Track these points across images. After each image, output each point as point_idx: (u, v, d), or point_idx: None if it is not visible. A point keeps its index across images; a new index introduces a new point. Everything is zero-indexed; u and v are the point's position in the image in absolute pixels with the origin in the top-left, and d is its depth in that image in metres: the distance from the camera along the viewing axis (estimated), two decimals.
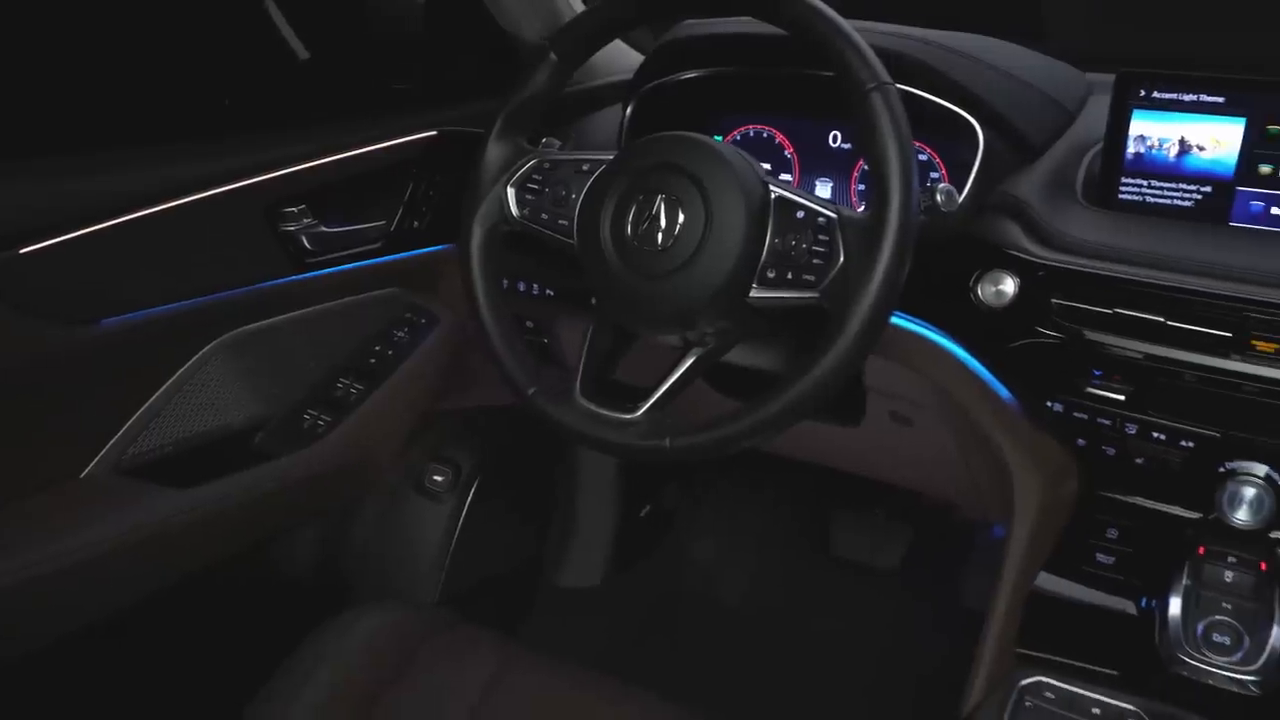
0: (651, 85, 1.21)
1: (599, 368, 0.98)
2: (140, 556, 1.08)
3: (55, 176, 1.00)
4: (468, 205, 1.01)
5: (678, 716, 1.01)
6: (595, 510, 1.77)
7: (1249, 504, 0.92)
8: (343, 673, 1.01)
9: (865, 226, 0.82)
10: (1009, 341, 1.00)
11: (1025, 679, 0.93)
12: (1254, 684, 0.87)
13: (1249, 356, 0.89)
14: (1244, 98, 0.94)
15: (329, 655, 1.03)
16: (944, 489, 1.34)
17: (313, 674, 1.00)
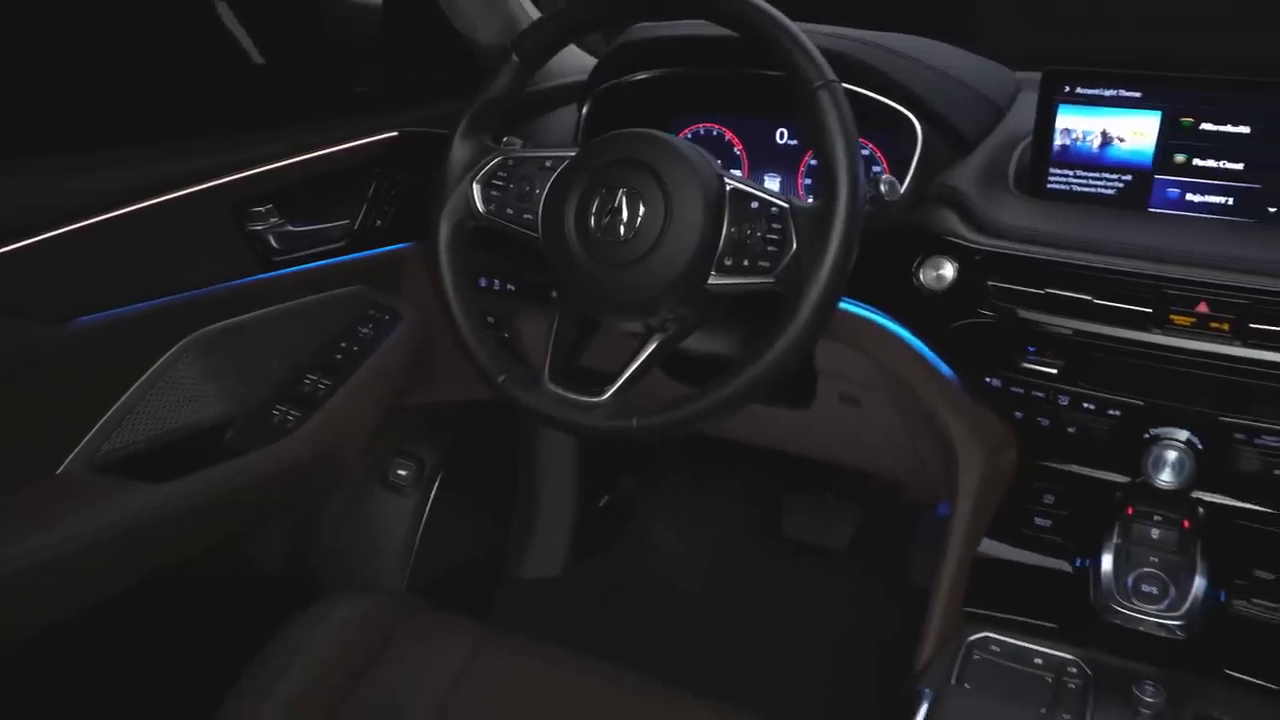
0: (606, 86, 1.26)
1: (565, 355, 1.02)
2: (116, 551, 1.10)
3: (27, 178, 1.02)
4: (435, 202, 1.05)
5: (651, 691, 1.06)
6: (555, 501, 1.81)
7: (1172, 467, 1.00)
8: (318, 661, 1.04)
9: (815, 215, 0.88)
10: (949, 322, 1.06)
11: (973, 635, 0.99)
12: (1179, 629, 0.95)
13: (1168, 330, 0.96)
14: (1159, 93, 1.02)
15: (303, 645, 1.05)
16: (892, 468, 1.40)
17: (288, 665, 1.02)
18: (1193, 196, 1.03)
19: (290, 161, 1.20)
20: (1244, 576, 1.00)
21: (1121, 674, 0.94)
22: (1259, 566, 1.00)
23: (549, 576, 1.82)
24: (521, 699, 1.04)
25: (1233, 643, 0.97)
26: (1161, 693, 0.90)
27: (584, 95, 1.28)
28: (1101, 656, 0.96)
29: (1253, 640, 0.97)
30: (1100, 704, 0.92)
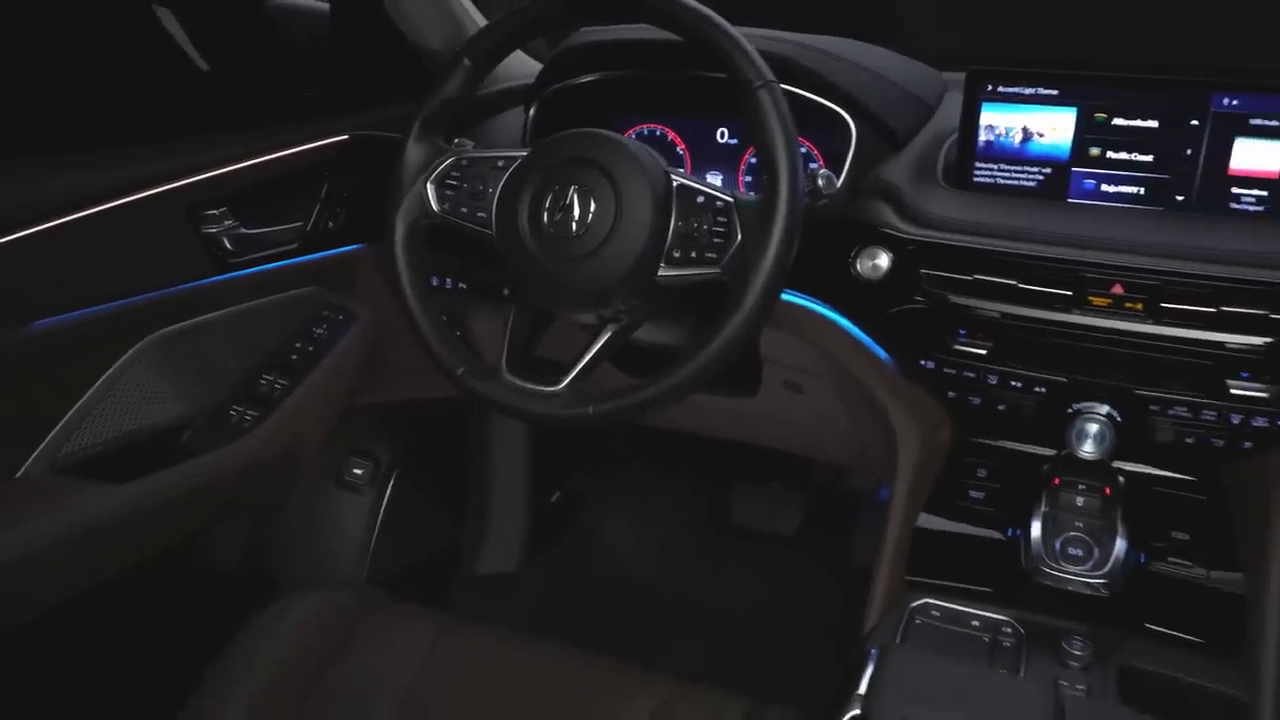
0: (552, 89, 1.30)
1: (521, 347, 1.06)
2: (77, 553, 1.11)
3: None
4: (390, 202, 1.08)
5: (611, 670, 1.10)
6: (509, 497, 1.84)
7: (1094, 438, 1.07)
8: (280, 660, 1.05)
9: (758, 209, 0.93)
10: (886, 309, 1.12)
11: (915, 601, 1.06)
12: (1103, 587, 1.02)
13: (1087, 311, 1.03)
14: (1074, 90, 1.09)
15: (265, 643, 1.07)
16: (835, 452, 1.46)
17: (250, 664, 1.04)
18: (1107, 187, 1.10)
19: (243, 165, 1.21)
20: (1161, 538, 1.08)
21: (1052, 631, 1.00)
22: (1175, 528, 1.08)
23: (504, 572, 1.85)
24: (484, 684, 1.07)
25: (1152, 599, 1.04)
26: (1089, 646, 0.97)
27: (531, 98, 1.32)
28: (1033, 616, 1.03)
29: (1170, 596, 1.05)
30: (1033, 659, 0.98)
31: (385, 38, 1.39)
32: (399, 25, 1.36)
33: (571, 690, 1.08)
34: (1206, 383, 1.01)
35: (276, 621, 1.10)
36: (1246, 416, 1.01)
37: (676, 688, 1.06)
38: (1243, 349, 0.98)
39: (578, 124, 1.03)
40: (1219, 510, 1.10)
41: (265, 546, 1.52)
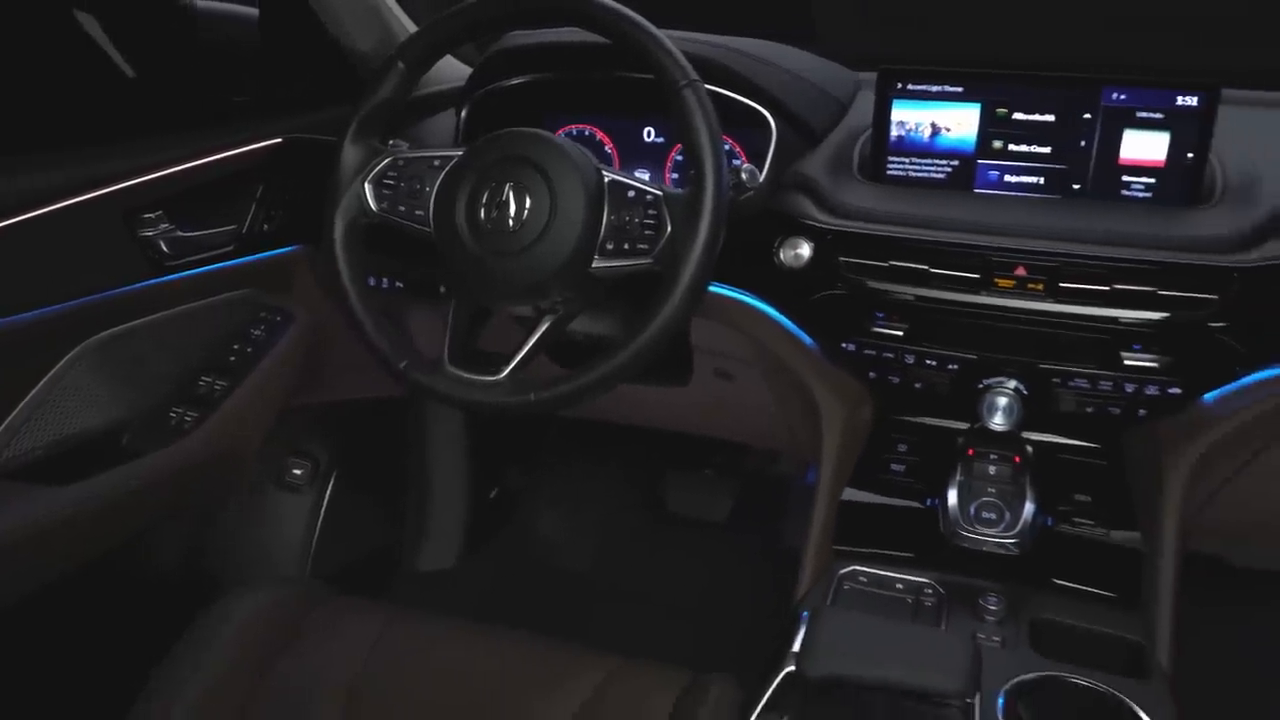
0: (483, 91, 1.33)
1: (462, 340, 1.09)
2: (19, 556, 1.11)
3: None
4: (328, 202, 1.10)
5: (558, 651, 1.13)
6: (447, 495, 1.87)
7: (1003, 411, 1.14)
8: (226, 658, 1.06)
9: (686, 201, 0.98)
10: (808, 296, 1.18)
11: (843, 569, 1.12)
12: (1014, 546, 1.10)
13: (993, 292, 1.10)
14: (977, 87, 1.16)
15: (211, 643, 1.07)
16: (764, 436, 1.53)
17: (197, 663, 1.05)
18: (1010, 178, 1.18)
19: (178, 169, 1.22)
20: (1066, 501, 1.16)
21: (969, 590, 1.08)
22: (1079, 492, 1.16)
23: (444, 568, 1.88)
24: (431, 670, 1.10)
25: (1059, 557, 1.13)
26: (1002, 602, 1.05)
27: (462, 100, 1.35)
28: (952, 577, 1.10)
29: (1074, 553, 1.13)
30: (953, 615, 1.06)
31: (314, 42, 1.40)
32: (328, 29, 1.38)
33: (517, 671, 1.11)
34: (1103, 355, 1.09)
35: (220, 621, 1.11)
36: (1140, 386, 1.10)
37: (619, 664, 1.11)
38: (1134, 323, 1.07)
39: (508, 125, 1.06)
40: (1118, 474, 1.19)
41: (206, 548, 1.52)
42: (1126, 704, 0.92)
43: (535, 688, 1.08)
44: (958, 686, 0.85)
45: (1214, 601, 1.44)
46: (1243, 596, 1.65)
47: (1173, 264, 1.05)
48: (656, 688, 1.07)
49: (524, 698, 1.08)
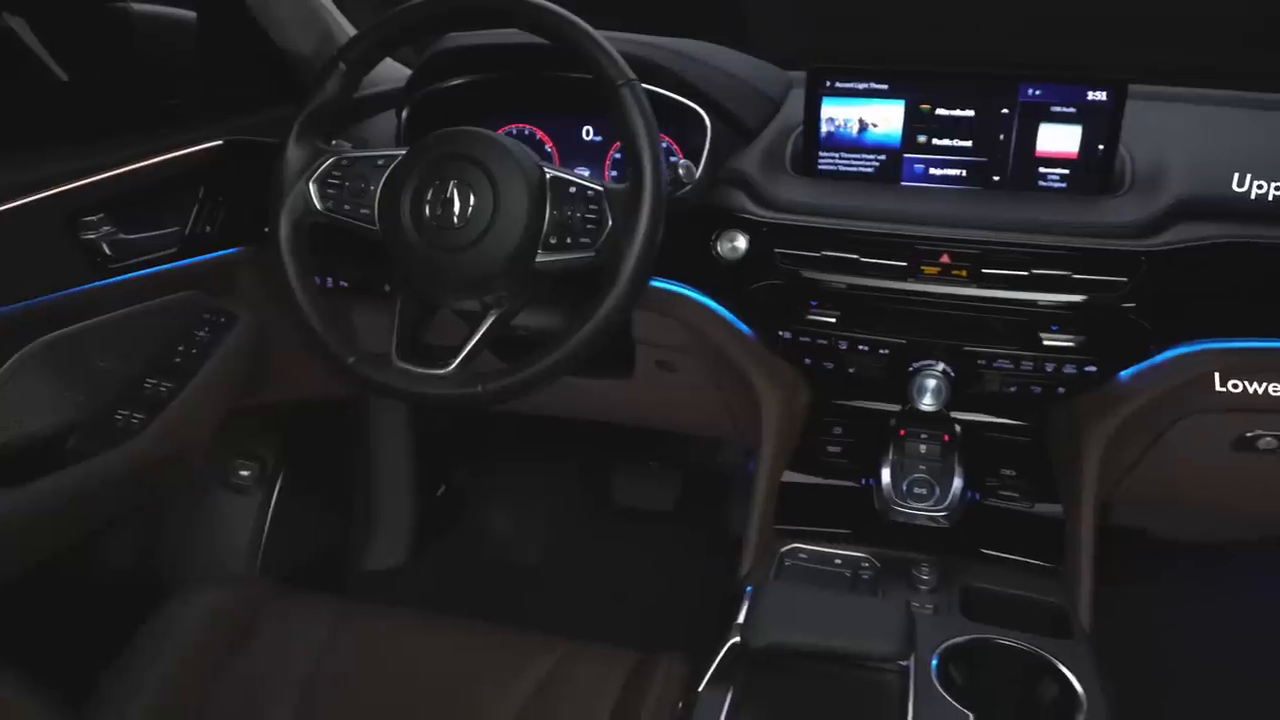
0: (424, 91, 1.35)
1: (410, 334, 1.12)
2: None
3: None
4: (273, 202, 1.12)
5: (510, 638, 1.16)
6: (394, 494, 1.88)
7: (932, 392, 1.20)
8: (181, 656, 1.07)
9: (626, 196, 1.02)
10: (745, 286, 1.23)
11: (784, 547, 1.17)
12: (944, 519, 1.15)
13: (920, 279, 1.16)
14: (902, 84, 1.21)
15: (165, 643, 1.08)
16: (706, 425, 1.56)
17: (149, 665, 1.05)
18: (935, 170, 1.23)
19: (119, 171, 1.23)
20: (993, 476, 1.22)
21: (903, 562, 1.13)
22: (1004, 467, 1.23)
23: (393, 567, 1.89)
24: (385, 662, 1.11)
25: (986, 528, 1.18)
26: (934, 572, 1.10)
27: (402, 101, 1.37)
28: (887, 551, 1.15)
29: (1001, 525, 1.19)
30: (888, 586, 1.11)
31: (253, 45, 1.41)
32: (267, 32, 1.39)
33: (469, 660, 1.13)
34: (1023, 337, 1.15)
35: (171, 622, 1.11)
36: (1058, 365, 1.16)
37: (570, 648, 1.13)
38: (1052, 306, 1.13)
39: (449, 125, 1.09)
40: (1041, 450, 1.26)
41: (155, 550, 1.52)
42: (1050, 661, 0.98)
43: (488, 675, 1.10)
44: (893, 650, 0.90)
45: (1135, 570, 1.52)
46: (1161, 565, 1.74)
47: (1086, 249, 1.11)
48: (607, 669, 1.10)
49: (477, 686, 1.10)
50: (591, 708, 1.06)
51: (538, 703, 1.08)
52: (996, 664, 1.00)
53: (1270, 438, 1.21)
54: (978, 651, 1.00)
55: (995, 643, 1.01)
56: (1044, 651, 0.99)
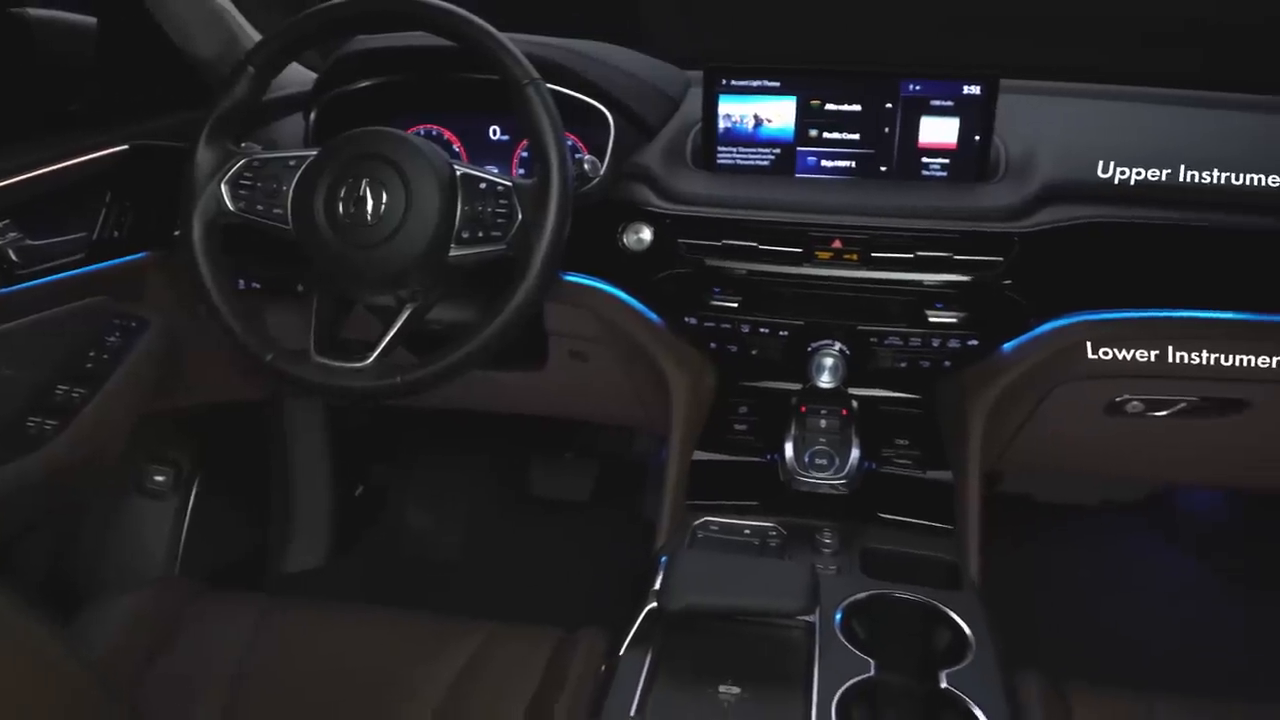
0: (332, 94, 1.37)
1: (327, 330, 1.14)
2: None
3: None
4: (184, 205, 1.13)
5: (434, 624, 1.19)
6: (312, 495, 1.89)
7: (830, 371, 1.27)
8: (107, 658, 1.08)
9: (535, 190, 1.06)
10: (651, 276, 1.29)
11: (696, 520, 1.23)
12: (844, 487, 1.23)
13: (815, 264, 1.23)
14: (792, 82, 1.28)
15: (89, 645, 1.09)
16: (619, 414, 1.61)
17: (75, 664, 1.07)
18: (826, 162, 1.30)
19: (23, 178, 1.22)
20: (888, 445, 1.30)
21: (807, 529, 1.20)
22: (898, 437, 1.31)
23: (313, 568, 1.89)
24: (311, 654, 1.14)
25: (882, 494, 1.27)
26: (836, 536, 1.18)
27: (310, 103, 1.39)
28: (792, 519, 1.23)
29: (896, 490, 1.28)
30: (794, 551, 1.18)
31: (155, 49, 1.41)
32: (171, 37, 1.39)
33: (395, 646, 1.16)
34: (911, 315, 1.24)
35: (93, 626, 1.12)
36: (944, 340, 1.25)
37: (493, 630, 1.17)
38: (936, 285, 1.22)
39: (357, 126, 1.12)
40: (931, 420, 1.35)
41: (71, 557, 1.50)
42: (943, 611, 1.06)
43: (414, 660, 1.13)
44: (800, 607, 0.96)
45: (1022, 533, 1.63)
46: (1046, 528, 1.87)
47: (965, 232, 1.20)
48: (531, 647, 1.14)
49: (404, 671, 1.13)
50: (517, 684, 1.10)
51: (464, 683, 1.11)
52: (894, 616, 1.07)
53: (1137, 401, 1.31)
54: (877, 605, 1.08)
55: (893, 597, 1.09)
56: (937, 602, 1.07)
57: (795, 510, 1.23)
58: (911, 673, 0.99)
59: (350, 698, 1.10)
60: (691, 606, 0.97)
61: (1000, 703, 0.93)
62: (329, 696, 1.10)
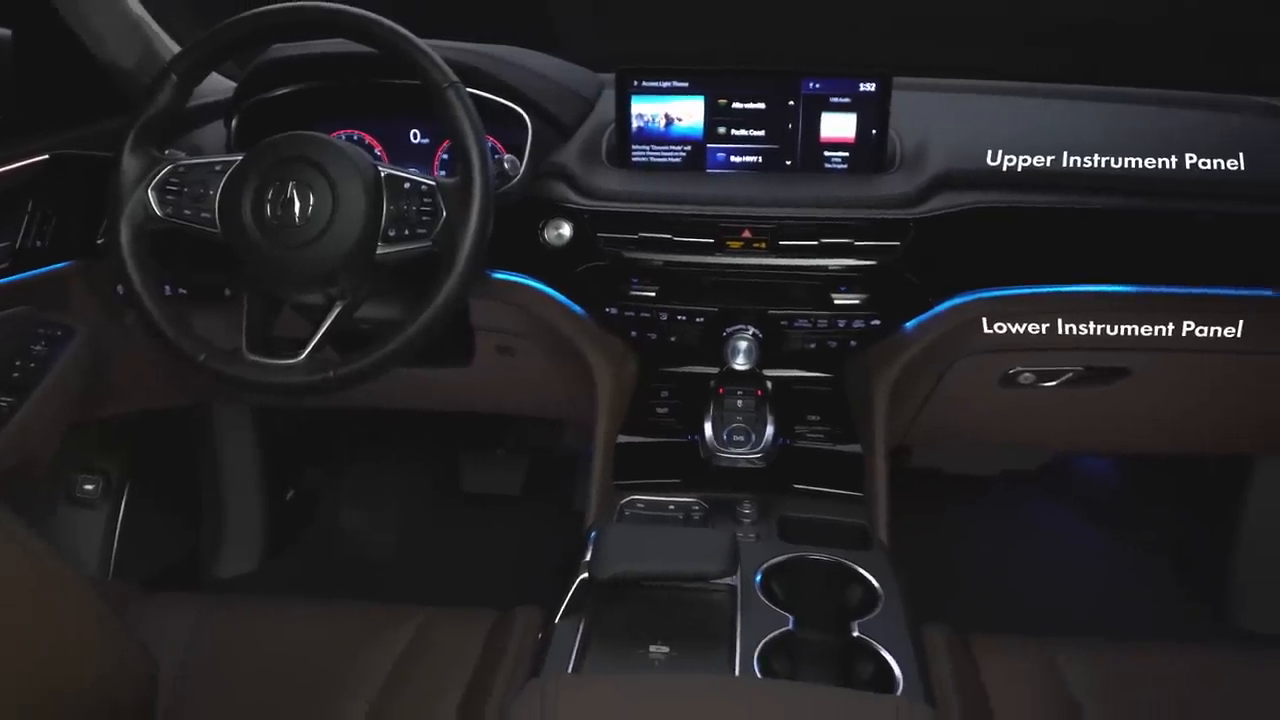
0: (252, 101, 1.40)
1: (259, 329, 1.17)
2: None
3: None
4: (111, 211, 1.15)
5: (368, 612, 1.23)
6: (243, 500, 1.90)
7: (744, 354, 1.34)
8: None
9: (458, 188, 1.11)
10: (572, 269, 1.34)
11: (623, 499, 1.29)
12: (760, 461, 1.30)
13: (726, 253, 1.30)
14: (700, 82, 1.34)
15: None
16: (544, 405, 1.66)
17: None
18: (734, 158, 1.37)
19: None
20: (800, 422, 1.38)
21: (728, 501, 1.27)
22: (809, 413, 1.39)
23: (246, 572, 1.90)
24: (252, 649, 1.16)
25: (796, 467, 1.34)
26: (755, 506, 1.25)
27: (230, 111, 1.41)
28: (714, 494, 1.29)
29: (809, 463, 1.35)
30: (716, 523, 1.25)
31: (73, 60, 1.42)
32: (89, 49, 1.40)
33: (335, 634, 1.19)
34: (817, 298, 1.31)
35: None
36: (849, 321, 1.33)
37: (430, 614, 1.21)
38: (840, 269, 1.30)
39: (278, 133, 1.15)
40: (840, 397, 1.43)
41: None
42: (854, 569, 1.14)
43: (353, 648, 1.16)
44: (722, 569, 1.03)
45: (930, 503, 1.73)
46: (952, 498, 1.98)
47: (865, 219, 1.28)
48: (468, 628, 1.19)
49: (344, 659, 1.16)
50: (456, 664, 1.14)
51: (404, 666, 1.15)
52: (810, 576, 1.14)
53: (1029, 373, 1.41)
54: (793, 567, 1.15)
55: (808, 558, 1.16)
56: (848, 562, 1.15)
57: (716, 485, 1.30)
58: (827, 626, 1.07)
59: (294, 689, 1.12)
60: (620, 575, 1.03)
61: (907, 648, 1.01)
62: (271, 691, 1.12)
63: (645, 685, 0.91)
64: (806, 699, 0.89)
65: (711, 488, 1.30)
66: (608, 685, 0.91)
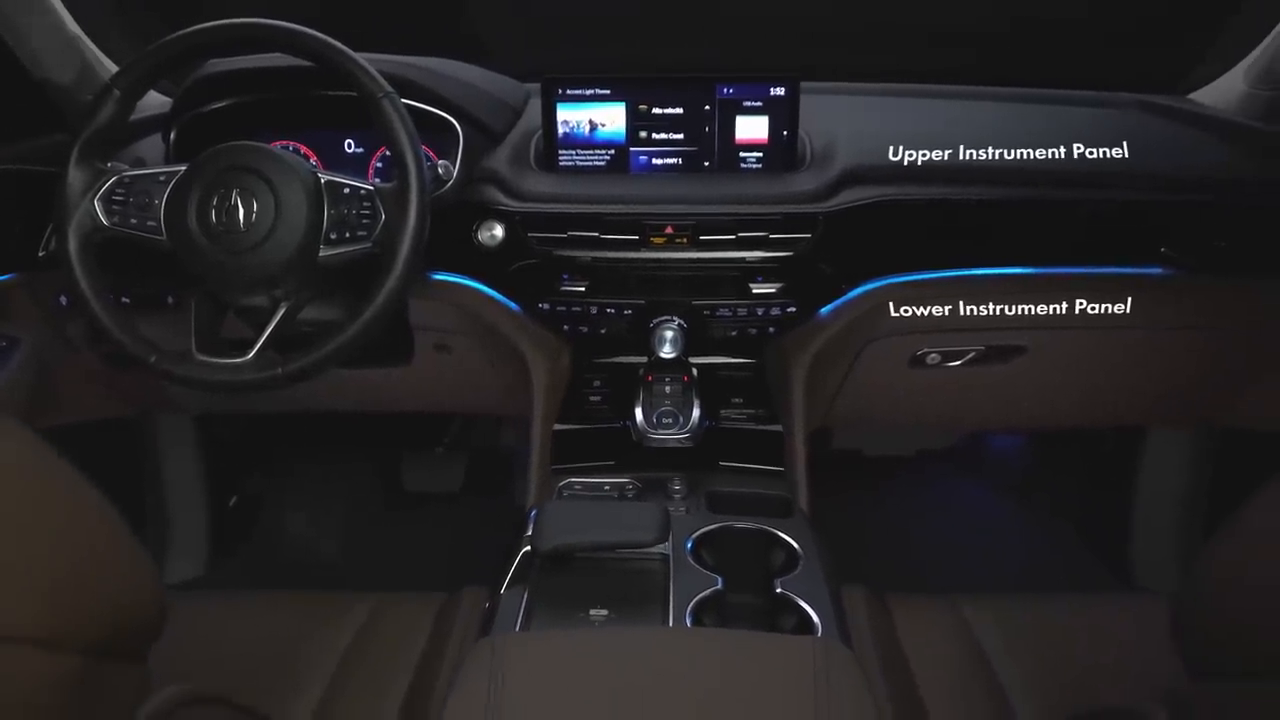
0: (190, 115, 1.44)
1: (207, 332, 1.22)
2: None
3: None
4: (59, 223, 1.18)
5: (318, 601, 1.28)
6: (186, 507, 1.92)
7: (670, 343, 1.42)
8: None
9: (396, 192, 1.17)
10: (506, 268, 1.41)
11: (561, 482, 1.37)
12: (688, 441, 1.39)
13: (651, 248, 1.38)
14: (621, 89, 1.42)
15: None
16: (483, 400, 1.73)
17: None
18: (656, 160, 1.45)
19: None
20: (725, 404, 1.47)
21: (659, 480, 1.36)
22: (734, 397, 1.48)
23: (191, 580, 1.93)
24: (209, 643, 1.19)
25: (721, 445, 1.43)
26: (684, 483, 1.34)
27: (169, 124, 1.44)
28: (646, 473, 1.38)
29: (734, 442, 1.45)
30: (649, 499, 1.33)
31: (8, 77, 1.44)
32: (26, 67, 1.43)
33: (287, 625, 1.24)
34: (737, 289, 1.41)
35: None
36: (767, 309, 1.42)
37: (380, 599, 1.27)
38: (757, 261, 1.39)
39: (216, 144, 1.19)
40: (762, 380, 1.52)
41: None
42: (777, 535, 1.23)
43: (307, 634, 1.21)
44: (654, 538, 1.11)
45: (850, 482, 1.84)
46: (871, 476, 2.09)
47: (778, 214, 1.37)
48: (418, 610, 1.25)
49: (299, 645, 1.20)
50: (408, 643, 1.20)
51: (358, 649, 1.21)
52: (736, 542, 1.23)
53: (935, 354, 1.52)
54: (721, 535, 1.23)
55: (735, 527, 1.25)
56: (771, 528, 1.24)
57: (648, 465, 1.39)
58: (753, 587, 1.15)
59: (249, 680, 1.15)
60: (561, 546, 1.10)
61: (827, 601, 1.10)
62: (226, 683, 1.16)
63: (587, 637, 0.99)
64: (733, 641, 0.97)
65: (644, 468, 1.38)
66: (554, 638, 0.98)
